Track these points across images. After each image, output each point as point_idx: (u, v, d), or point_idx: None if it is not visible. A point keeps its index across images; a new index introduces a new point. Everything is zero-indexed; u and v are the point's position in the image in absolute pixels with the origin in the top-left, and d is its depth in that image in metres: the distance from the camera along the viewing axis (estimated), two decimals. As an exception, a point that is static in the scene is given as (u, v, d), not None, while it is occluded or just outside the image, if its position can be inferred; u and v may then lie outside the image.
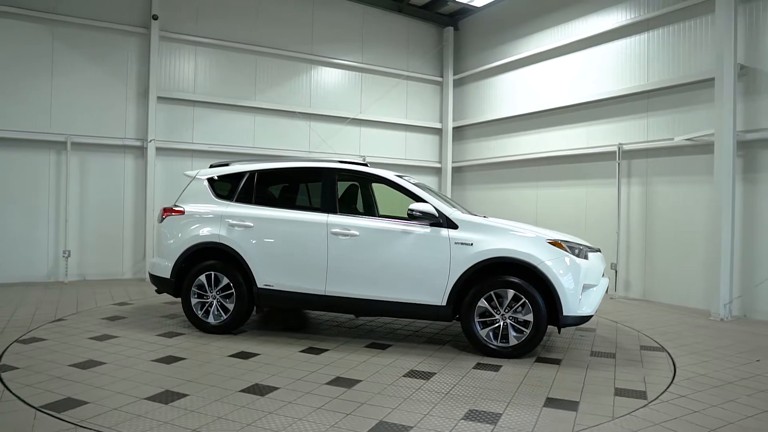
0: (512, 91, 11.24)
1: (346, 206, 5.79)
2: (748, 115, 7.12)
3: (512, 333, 4.97)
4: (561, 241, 5.05)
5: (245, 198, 5.84)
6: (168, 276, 5.84)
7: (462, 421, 3.50)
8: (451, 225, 5.15)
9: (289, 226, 5.52)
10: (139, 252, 9.67)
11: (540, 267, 4.88)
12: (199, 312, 5.74)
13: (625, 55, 8.79)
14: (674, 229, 8.10)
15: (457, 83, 12.71)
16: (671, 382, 4.37)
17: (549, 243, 5.00)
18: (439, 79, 12.87)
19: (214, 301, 5.70)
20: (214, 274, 5.68)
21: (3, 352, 4.82)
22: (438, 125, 12.89)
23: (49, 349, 4.95)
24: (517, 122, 11.09)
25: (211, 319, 5.70)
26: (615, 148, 8.80)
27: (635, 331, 6.21)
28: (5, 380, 4.06)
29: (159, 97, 9.56)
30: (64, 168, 9.01)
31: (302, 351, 5.13)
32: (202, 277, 5.71)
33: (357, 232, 5.30)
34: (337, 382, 4.25)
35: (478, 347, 5.07)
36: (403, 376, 4.44)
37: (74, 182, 9.14)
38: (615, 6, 8.98)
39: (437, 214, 5.15)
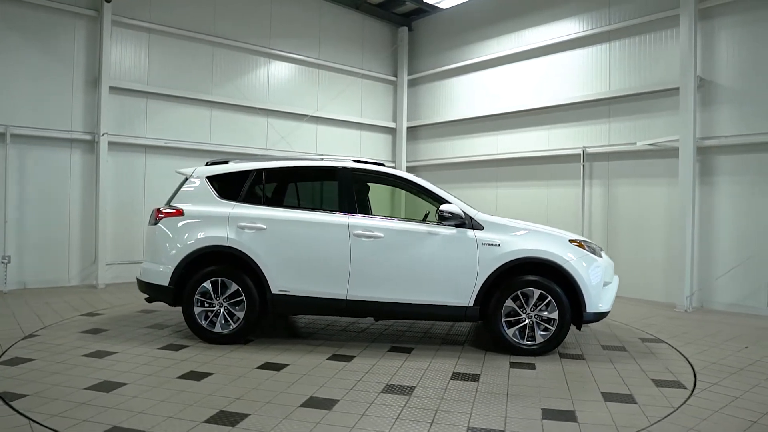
0: (469, 94, 11.51)
1: (362, 207, 5.63)
2: (705, 124, 7.84)
3: (538, 331, 5.10)
4: (580, 240, 5.27)
5: (253, 198, 5.49)
6: (166, 283, 5.34)
7: (545, 421, 3.54)
8: (476, 226, 5.18)
9: (307, 228, 5.26)
10: (88, 256, 8.75)
11: (565, 266, 5.05)
12: (204, 321, 5.31)
13: (588, 63, 9.32)
14: (634, 228, 8.72)
15: (411, 83, 12.81)
16: (694, 372, 4.70)
17: (570, 242, 5.20)
18: (393, 78, 12.88)
19: (222, 310, 5.30)
20: (221, 280, 5.28)
21: (-9, 378, 4.17)
22: (392, 125, 12.91)
23: (46, 371, 4.34)
24: (474, 124, 11.38)
25: (218, 329, 5.30)
26: (579, 151, 9.31)
27: (624, 325, 6.62)
28: (24, 411, 3.50)
29: (111, 87, 8.71)
30: (1, 162, 7.93)
31: (329, 359, 4.92)
32: (207, 284, 5.29)
33: (381, 234, 5.17)
34: (392, 389, 4.12)
35: (504, 346, 5.14)
36: (451, 379, 4.40)
37: (13, 178, 8.08)
38: (576, 16, 9.48)
39: (463, 216, 5.16)
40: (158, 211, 5.56)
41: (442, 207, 5.14)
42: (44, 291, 8.06)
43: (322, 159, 5.90)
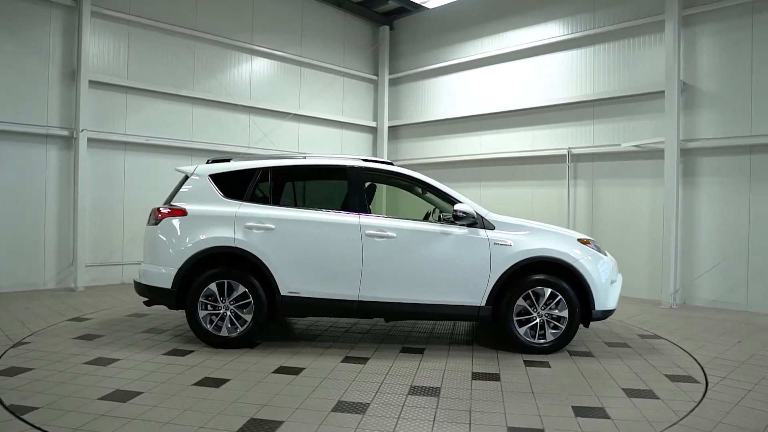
0: (452, 94, 11.58)
1: (370, 207, 5.55)
2: (687, 127, 8.12)
3: (549, 330, 5.16)
4: (588, 239, 5.36)
5: (259, 197, 5.34)
6: (168, 286, 5.13)
7: (579, 418, 3.57)
8: (488, 226, 5.20)
9: (318, 228, 5.15)
10: (65, 258, 8.33)
11: (575, 265, 5.12)
12: (209, 325, 5.12)
13: (573, 65, 9.52)
14: (618, 227, 8.96)
15: (393, 82, 12.78)
16: (701, 367, 4.85)
17: (579, 241, 5.28)
18: (374, 77, 12.82)
19: (228, 313, 5.13)
20: (228, 282, 5.11)
21: (-9, 389, 3.89)
22: (373, 124, 12.85)
23: (50, 381, 4.09)
24: (457, 124, 11.45)
25: (224, 332, 5.12)
26: (564, 152, 9.50)
27: (619, 322, 6.78)
28: (41, 426, 3.28)
29: (90, 81, 8.31)
30: (-29, 160, 7.46)
31: (344, 361, 4.83)
32: (213, 286, 5.11)
33: (394, 234, 5.12)
34: (419, 391, 4.08)
35: (516, 345, 5.17)
36: (473, 379, 4.40)
37: (-16, 177, 7.62)
38: (561, 19, 9.67)
39: (475, 215, 5.17)
40: (159, 210, 5.33)
41: (457, 206, 5.13)
42: (19, 295, 7.61)
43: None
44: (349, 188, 5.33)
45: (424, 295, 5.13)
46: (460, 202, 5.24)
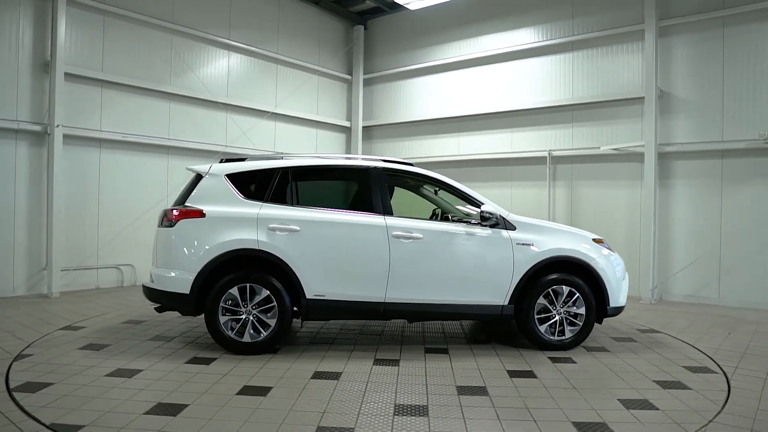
0: (429, 95, 11.69)
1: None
2: (663, 131, 8.61)
3: (567, 327, 5.33)
4: (600, 238, 5.58)
5: (281, 198, 5.18)
6: (186, 291, 4.89)
7: (631, 411, 3.71)
8: (509, 226, 5.30)
9: (345, 229, 5.08)
10: (36, 263, 7.75)
11: (592, 264, 5.32)
12: (230, 331, 4.93)
13: (552, 70, 9.85)
14: (597, 226, 9.30)
15: (367, 82, 12.74)
16: (710, 357, 5.16)
17: (593, 241, 5.49)
18: (348, 77, 12.73)
19: (251, 318, 4.95)
20: (250, 286, 4.93)
21: (17, 405, 3.57)
22: (346, 123, 12.76)
23: (79, 396, 3.80)
24: (434, 125, 11.57)
25: (246, 338, 4.94)
26: (544, 154, 9.82)
27: (611, 317, 7.07)
28: (100, 442, 3.05)
29: (66, 74, 7.77)
30: (-66, 156, 6.80)
31: (376, 364, 4.78)
32: (234, 290, 4.92)
33: (420, 235, 5.12)
34: (467, 391, 4.11)
35: (537, 342, 5.30)
36: (511, 377, 4.47)
37: (-52, 175, 6.96)
38: (540, 25, 9.98)
39: (498, 216, 5.26)
40: (173, 211, 5.06)
41: (484, 207, 5.20)
42: (-11, 304, 7.02)
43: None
44: (372, 189, 5.28)
45: (449, 296, 5.16)
46: (482, 203, 5.32)
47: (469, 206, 5.47)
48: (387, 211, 5.20)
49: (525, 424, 3.48)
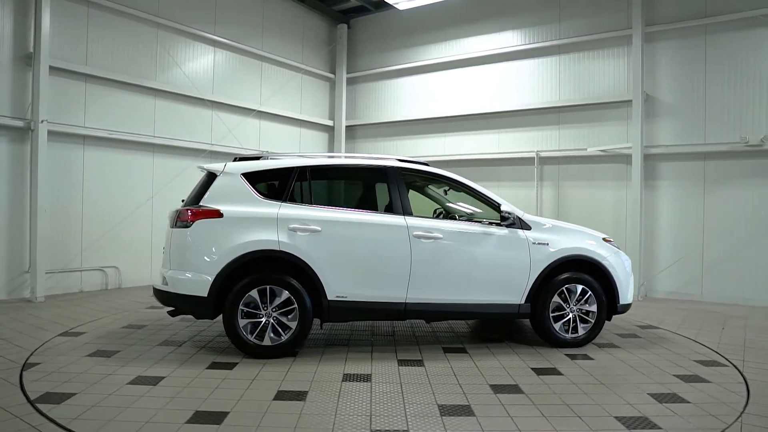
0: (414, 95, 11.72)
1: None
2: (648, 134, 8.92)
3: (580, 324, 5.45)
4: (609, 238, 5.73)
5: (300, 198, 5.08)
6: (204, 294, 4.74)
7: (665, 404, 3.82)
8: (525, 226, 5.37)
9: (366, 230, 5.03)
10: (16, 265, 7.34)
11: (603, 262, 5.45)
12: (249, 334, 4.80)
13: (539, 72, 10.04)
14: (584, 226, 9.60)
15: (350, 82, 12.66)
16: (716, 352, 5.37)
17: (604, 240, 5.63)
18: (331, 75, 12.62)
19: (271, 320, 4.83)
20: (270, 288, 4.82)
21: (45, 417, 3.37)
22: (329, 123, 12.64)
23: (107, 407, 3.62)
24: (419, 125, 11.61)
25: (267, 342, 4.82)
26: (532, 155, 10.00)
27: (610, 313, 7.29)
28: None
29: (50, 67, 7.38)
30: None
31: (401, 365, 4.75)
32: (254, 293, 4.79)
33: (440, 235, 5.13)
34: (501, 389, 4.14)
35: (552, 340, 5.40)
36: (538, 375, 4.53)
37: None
38: (527, 28, 10.17)
39: (515, 216, 5.32)
40: (188, 211, 4.89)
41: (504, 207, 5.26)
42: (-31, 310, 6.60)
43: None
44: (391, 189, 5.25)
45: (469, 295, 5.19)
46: (501, 204, 5.37)
47: (486, 206, 5.49)
48: (406, 211, 5.18)
49: (571, 421, 3.53)
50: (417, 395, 3.97)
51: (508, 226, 5.31)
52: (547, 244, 5.34)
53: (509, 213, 5.25)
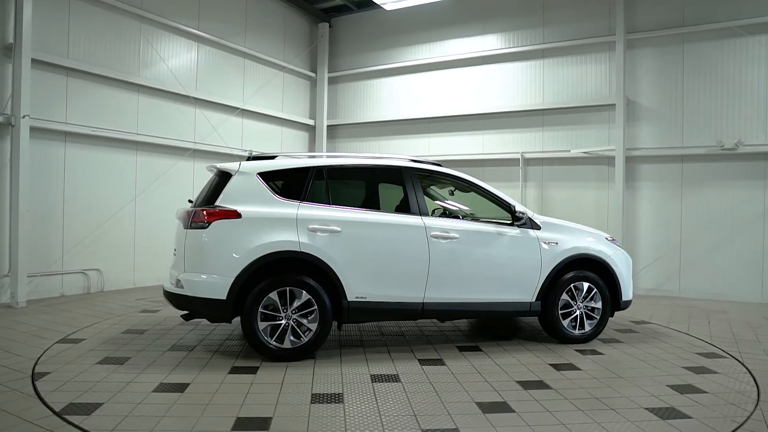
0: (396, 96, 11.77)
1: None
2: (629, 137, 9.27)
3: (586, 320, 5.63)
4: (611, 237, 5.94)
5: (318, 198, 5.03)
6: (222, 296, 4.63)
7: (685, 395, 4.00)
8: (535, 226, 5.50)
9: (385, 230, 5.03)
10: (-3, 269, 6.94)
11: (608, 261, 5.65)
12: (269, 337, 4.72)
13: (523, 75, 10.27)
14: (566, 225, 9.90)
15: (331, 81, 12.58)
16: (712, 344, 5.65)
17: (607, 239, 5.83)
18: (312, 74, 12.51)
19: (290, 323, 4.77)
20: (290, 290, 4.75)
21: (83, 430, 3.22)
22: (310, 122, 12.52)
23: (143, 416, 3.49)
24: (403, 125, 11.67)
25: (287, 344, 4.75)
26: (516, 156, 10.22)
27: (601, 310, 7.54)
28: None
29: (32, 60, 7.01)
30: None
31: (423, 365, 4.78)
32: (274, 295, 4.71)
33: (457, 235, 5.19)
34: (529, 386, 4.23)
35: (558, 336, 5.55)
36: (558, 370, 4.66)
37: None
38: (511, 31, 10.38)
39: (527, 217, 5.45)
40: (203, 212, 4.75)
41: (518, 208, 5.37)
42: (-53, 317, 6.20)
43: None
44: (408, 189, 5.27)
45: (484, 294, 5.27)
46: (515, 205, 5.48)
47: (498, 206, 5.58)
48: (423, 212, 5.22)
49: (606, 413, 3.65)
50: (451, 394, 4.01)
51: (520, 226, 5.42)
52: (557, 243, 5.49)
53: (522, 213, 5.36)
